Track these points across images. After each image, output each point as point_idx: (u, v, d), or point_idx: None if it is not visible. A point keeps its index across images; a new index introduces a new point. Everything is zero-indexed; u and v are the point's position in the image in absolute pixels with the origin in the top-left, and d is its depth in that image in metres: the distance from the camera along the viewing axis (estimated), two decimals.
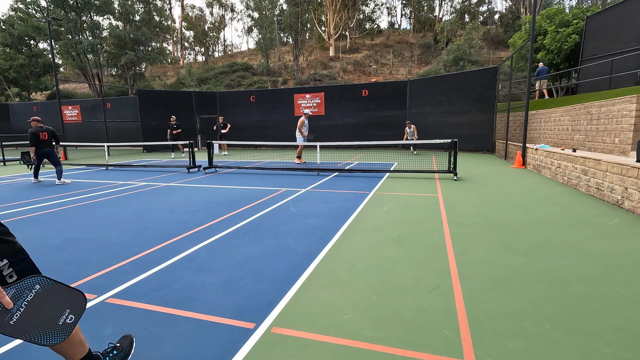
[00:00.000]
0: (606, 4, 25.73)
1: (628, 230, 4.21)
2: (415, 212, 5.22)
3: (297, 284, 2.86)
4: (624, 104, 7.52)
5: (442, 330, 2.19)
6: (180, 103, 20.93)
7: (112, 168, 11.79)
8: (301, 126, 11.70)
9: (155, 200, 6.31)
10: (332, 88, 20.53)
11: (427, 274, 3.03)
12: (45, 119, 25.61)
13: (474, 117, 15.52)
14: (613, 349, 1.97)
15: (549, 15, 17.03)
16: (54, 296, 1.30)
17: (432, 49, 34.96)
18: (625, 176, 5.22)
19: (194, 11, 52.24)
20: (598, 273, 3.00)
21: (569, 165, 7.22)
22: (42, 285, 1.29)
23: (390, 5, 54.08)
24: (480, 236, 4.03)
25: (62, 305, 1.30)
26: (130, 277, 3.04)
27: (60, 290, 1.32)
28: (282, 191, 7.01)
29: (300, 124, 11.70)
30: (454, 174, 8.23)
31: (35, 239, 4.22)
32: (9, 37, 33.21)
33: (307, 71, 34.10)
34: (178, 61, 48.46)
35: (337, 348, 2.03)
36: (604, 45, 13.62)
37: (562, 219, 4.73)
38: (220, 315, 2.39)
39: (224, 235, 4.20)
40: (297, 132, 11.74)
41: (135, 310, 2.49)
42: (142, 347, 2.06)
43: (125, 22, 36.22)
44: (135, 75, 35.74)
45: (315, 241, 3.94)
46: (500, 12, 44.13)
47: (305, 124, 11.77)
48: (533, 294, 2.64)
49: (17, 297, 1.23)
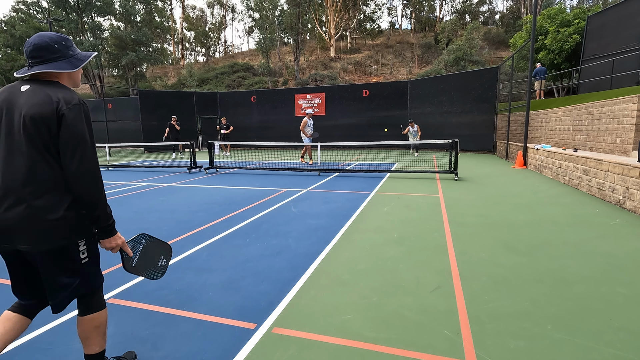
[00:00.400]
0: (607, 4, 25.70)
1: (629, 230, 4.20)
2: (416, 212, 5.21)
3: (298, 285, 2.86)
4: (625, 104, 7.51)
5: (443, 330, 2.18)
6: (181, 103, 20.94)
7: (113, 168, 11.81)
8: (304, 127, 11.66)
9: (156, 201, 6.32)
10: (332, 88, 20.53)
11: (428, 274, 3.02)
12: None
13: (475, 117, 15.50)
14: (614, 349, 1.97)
15: (550, 15, 17.01)
16: (154, 247, 1.83)
17: (433, 49, 34.95)
18: (626, 176, 5.21)
19: (195, 12, 52.40)
20: (599, 273, 2.99)
21: (570, 165, 7.21)
22: (147, 240, 1.81)
23: (390, 6, 54.14)
24: (481, 236, 4.03)
25: (159, 253, 1.86)
26: (131, 277, 3.04)
27: (158, 243, 1.86)
28: (283, 191, 7.02)
29: (303, 124, 11.67)
30: (455, 174, 8.22)
31: None
32: (10, 38, 33.29)
33: (308, 71, 34.12)
34: (179, 62, 48.54)
35: (338, 348, 2.02)
36: (605, 45, 13.59)
37: (564, 219, 4.72)
38: (221, 316, 2.39)
39: (224, 236, 4.20)
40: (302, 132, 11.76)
41: (137, 310, 2.50)
42: (143, 347, 2.06)
43: (126, 22, 36.30)
44: (136, 75, 35.79)
45: (316, 241, 3.94)
46: (501, 12, 44.11)
47: (308, 124, 11.71)
48: (534, 294, 2.63)
49: (133, 248, 1.74)
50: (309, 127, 11.75)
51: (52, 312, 1.55)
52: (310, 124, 11.79)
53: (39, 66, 1.47)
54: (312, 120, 11.92)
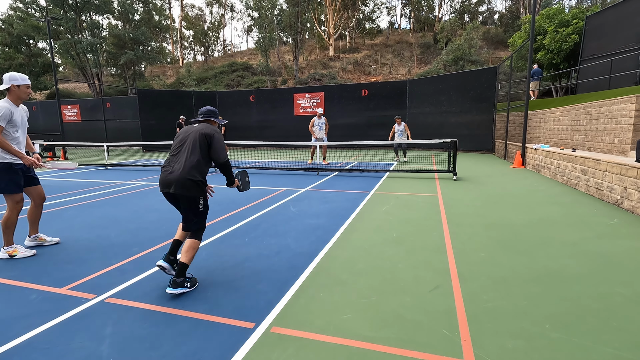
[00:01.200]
0: (606, 4, 25.76)
1: (627, 230, 4.22)
2: (415, 212, 5.22)
3: (296, 284, 2.86)
4: (624, 104, 7.53)
5: (442, 330, 2.19)
6: (179, 103, 20.91)
7: (112, 168, 11.79)
8: (311, 127, 11.61)
9: (155, 200, 6.31)
10: (331, 88, 20.52)
11: (427, 273, 3.03)
12: (45, 119, 25.65)
13: (474, 117, 15.52)
14: (612, 349, 1.97)
15: (549, 15, 17.04)
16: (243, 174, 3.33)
17: (432, 49, 34.95)
18: (624, 176, 5.23)
19: (194, 11, 52.29)
20: (597, 273, 3.00)
21: (568, 165, 7.23)
22: (240, 171, 3.32)
23: (389, 5, 54.08)
24: (479, 236, 4.04)
25: (245, 175, 3.36)
26: (130, 277, 3.04)
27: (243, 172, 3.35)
28: (282, 191, 7.01)
29: (310, 124, 11.65)
30: (453, 173, 8.23)
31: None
32: (8, 36, 33.15)
33: (307, 71, 34.09)
34: (177, 61, 48.41)
35: (336, 348, 2.03)
36: (604, 45, 13.62)
37: (562, 219, 4.74)
38: (220, 315, 2.39)
39: (223, 235, 4.20)
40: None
41: (135, 310, 2.49)
42: (142, 346, 2.06)
43: (125, 21, 36.17)
44: (135, 74, 35.69)
45: (315, 241, 3.94)
46: (499, 12, 44.14)
47: (315, 123, 11.55)
48: (532, 293, 2.64)
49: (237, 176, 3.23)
50: (317, 126, 11.55)
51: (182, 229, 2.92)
52: (318, 123, 11.56)
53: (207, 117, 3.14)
54: (322, 119, 11.61)
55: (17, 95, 3.47)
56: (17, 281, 3.01)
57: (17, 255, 3.55)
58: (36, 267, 3.31)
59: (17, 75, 3.45)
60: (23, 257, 3.56)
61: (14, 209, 3.55)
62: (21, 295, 2.76)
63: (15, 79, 3.44)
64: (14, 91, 3.45)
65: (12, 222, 3.56)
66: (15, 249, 3.58)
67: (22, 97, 3.50)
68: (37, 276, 3.10)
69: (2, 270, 3.27)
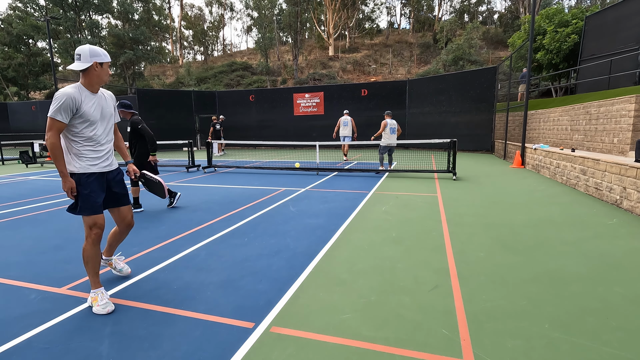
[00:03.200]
0: (605, 4, 25.77)
1: (627, 229, 4.22)
2: (415, 211, 5.22)
3: (296, 284, 2.86)
4: (623, 104, 7.54)
5: (441, 329, 2.19)
6: (179, 102, 20.90)
7: None
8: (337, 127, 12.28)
9: (154, 199, 6.30)
10: (331, 88, 20.51)
11: (426, 273, 3.03)
12: (44, 118, 25.59)
13: (473, 117, 15.52)
14: (612, 349, 1.98)
15: (548, 15, 17.05)
16: (158, 185, 4.42)
17: (432, 49, 34.94)
18: (623, 176, 5.23)
19: (193, 10, 52.18)
20: (597, 273, 3.00)
21: (567, 165, 7.23)
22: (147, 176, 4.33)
23: (389, 5, 54.14)
24: (479, 236, 4.04)
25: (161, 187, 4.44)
26: (129, 277, 3.04)
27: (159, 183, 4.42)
28: (282, 191, 7.01)
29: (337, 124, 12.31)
30: (453, 173, 8.24)
31: (34, 238, 4.21)
32: (7, 36, 33.13)
33: (307, 71, 34.07)
34: (177, 60, 48.37)
35: (336, 347, 2.03)
36: (603, 45, 13.63)
37: (561, 218, 4.74)
38: (220, 315, 2.39)
39: (223, 235, 4.20)
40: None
41: (135, 309, 2.49)
42: (141, 346, 2.06)
43: (124, 21, 36.15)
44: (135, 74, 35.67)
45: (315, 241, 3.94)
46: (499, 12, 44.15)
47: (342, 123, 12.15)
48: (532, 293, 2.64)
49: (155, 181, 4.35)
50: (344, 125, 12.17)
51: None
52: (344, 122, 12.14)
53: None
54: (348, 118, 12.18)
55: (97, 77, 2.45)
56: (17, 281, 3.01)
57: (93, 306, 2.47)
58: (36, 267, 3.31)
59: (99, 50, 2.44)
60: (97, 314, 2.45)
61: (88, 237, 2.54)
62: (21, 295, 2.75)
63: (98, 54, 2.42)
64: (94, 72, 2.42)
65: (89, 257, 2.54)
66: (96, 296, 2.50)
67: (104, 79, 2.49)
68: (37, 276, 3.10)
69: (2, 270, 3.26)
